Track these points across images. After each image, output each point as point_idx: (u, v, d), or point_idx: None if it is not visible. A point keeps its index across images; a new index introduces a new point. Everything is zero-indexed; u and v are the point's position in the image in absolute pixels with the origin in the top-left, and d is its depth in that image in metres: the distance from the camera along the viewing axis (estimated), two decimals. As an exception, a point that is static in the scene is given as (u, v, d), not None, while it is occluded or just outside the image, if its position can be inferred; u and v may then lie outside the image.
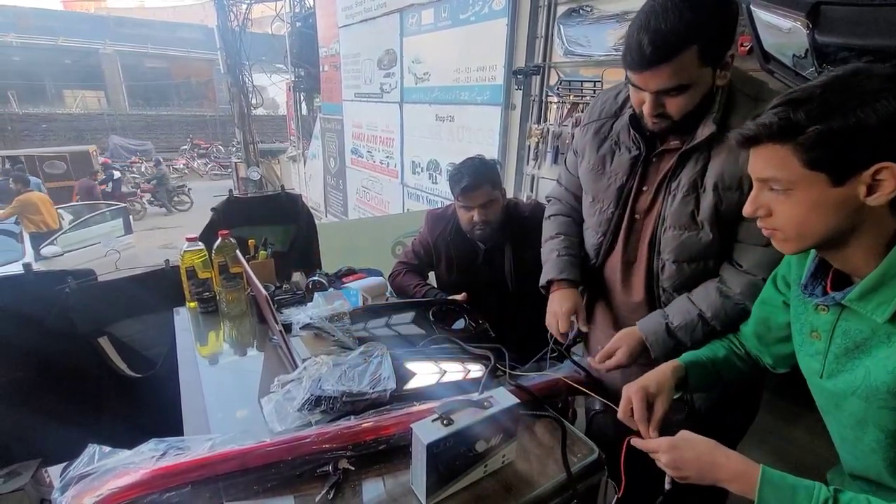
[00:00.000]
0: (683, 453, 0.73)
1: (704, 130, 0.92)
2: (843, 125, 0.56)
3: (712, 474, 0.71)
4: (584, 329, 1.14)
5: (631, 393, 0.85)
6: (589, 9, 2.14)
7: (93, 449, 0.82)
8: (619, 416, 0.86)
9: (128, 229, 6.11)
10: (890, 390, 0.60)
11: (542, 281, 1.21)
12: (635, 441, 0.81)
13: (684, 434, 0.76)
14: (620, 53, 1.90)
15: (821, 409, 0.76)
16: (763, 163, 0.63)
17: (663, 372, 0.88)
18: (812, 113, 0.57)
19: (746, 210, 0.68)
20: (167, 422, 1.02)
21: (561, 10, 2.27)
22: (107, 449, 0.82)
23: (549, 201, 1.36)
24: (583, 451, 0.93)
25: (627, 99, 1.03)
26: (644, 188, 1.04)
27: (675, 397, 0.88)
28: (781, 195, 0.63)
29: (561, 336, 1.14)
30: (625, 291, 1.13)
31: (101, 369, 1.54)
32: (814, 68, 1.18)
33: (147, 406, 1.47)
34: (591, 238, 1.17)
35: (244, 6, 7.03)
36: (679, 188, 0.97)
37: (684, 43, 0.81)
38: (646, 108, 0.91)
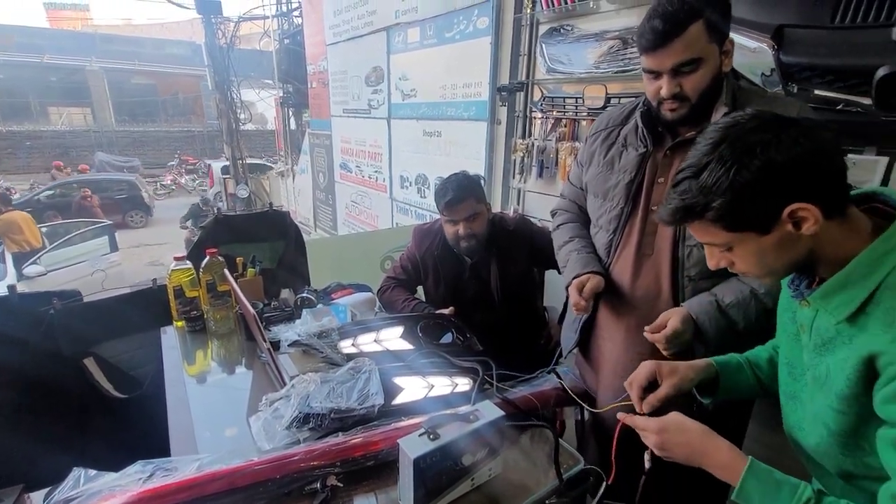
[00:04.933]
0: (672, 437, 0.75)
1: (718, 114, 0.98)
2: (741, 186, 0.59)
3: (700, 460, 0.73)
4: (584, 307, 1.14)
5: (645, 364, 0.86)
6: (569, 28, 2.21)
7: (78, 472, 0.81)
8: (626, 382, 0.87)
9: (114, 247, 6.03)
10: (839, 394, 0.63)
11: (567, 280, 1.20)
12: (624, 417, 0.82)
13: (676, 417, 0.77)
14: (601, 70, 1.99)
15: (783, 395, 0.79)
16: (696, 232, 0.68)
17: (688, 363, 0.87)
18: (706, 186, 0.61)
19: (711, 266, 0.72)
20: (154, 443, 1.02)
21: (543, 29, 2.34)
22: (92, 472, 0.82)
23: (554, 214, 1.40)
24: (568, 462, 0.94)
25: (633, 110, 1.14)
26: (660, 180, 1.08)
27: (702, 399, 0.88)
28: (728, 252, 0.67)
29: (583, 305, 1.12)
30: (638, 287, 1.13)
31: (87, 390, 1.52)
32: (780, 86, 1.23)
33: (134, 427, 1.45)
34: (602, 237, 1.19)
35: (232, 24, 7.09)
36: None
37: (691, 17, 0.91)
38: (664, 90, 0.98)
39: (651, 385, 0.85)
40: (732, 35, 1.00)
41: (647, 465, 0.81)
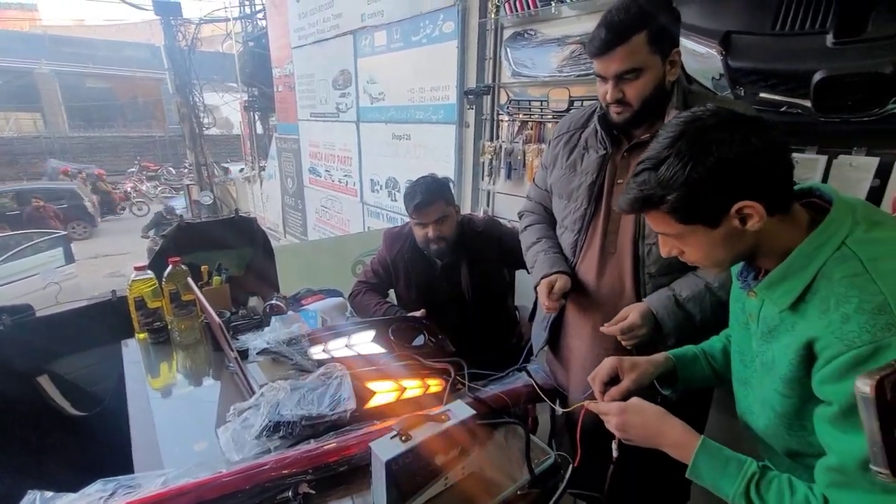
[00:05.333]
0: (630, 417, 0.79)
1: (669, 117, 1.03)
2: (695, 182, 0.63)
3: (656, 440, 0.77)
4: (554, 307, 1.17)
5: (607, 360, 0.90)
6: (533, 33, 2.25)
7: (33, 495, 0.78)
8: (589, 378, 0.91)
9: (69, 258, 5.74)
10: (783, 377, 0.67)
11: (535, 280, 1.22)
12: (588, 403, 0.86)
13: (634, 400, 0.81)
14: (564, 74, 2.04)
15: (736, 381, 0.83)
16: (652, 221, 0.72)
17: (648, 357, 0.92)
18: (664, 179, 0.65)
19: (663, 254, 0.76)
20: (117, 460, 0.98)
21: (507, 33, 2.38)
22: (49, 494, 0.78)
23: (521, 216, 1.43)
24: (539, 457, 0.96)
25: (592, 114, 1.18)
26: (620, 181, 1.12)
27: (662, 391, 0.92)
28: (680, 241, 0.72)
29: (553, 305, 1.16)
30: (603, 285, 1.17)
31: (42, 409, 1.44)
32: (729, 90, 1.30)
33: (95, 445, 1.39)
34: (568, 237, 1.23)
35: (193, 26, 6.89)
36: None
37: (634, 28, 0.96)
38: (609, 95, 1.03)
39: (614, 380, 0.89)
40: (684, 41, 1.05)
41: (614, 453, 0.85)
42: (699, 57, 1.36)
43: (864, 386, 0.49)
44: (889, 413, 0.48)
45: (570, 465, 0.89)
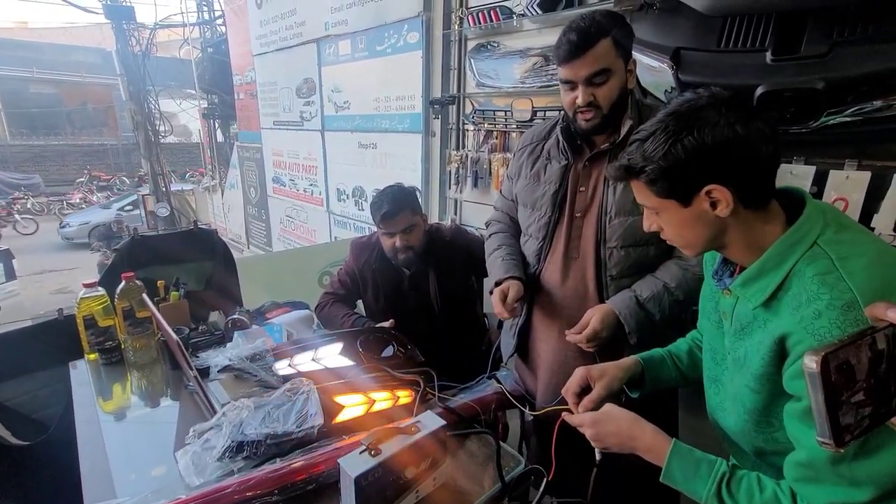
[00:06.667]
0: (605, 426, 0.81)
1: (626, 126, 1.09)
2: (672, 158, 0.65)
3: (630, 444, 0.78)
4: (513, 315, 1.20)
5: (577, 371, 0.91)
6: (496, 45, 2.30)
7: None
8: (563, 391, 0.92)
9: (10, 275, 5.35)
10: (755, 373, 0.68)
11: (490, 285, 1.25)
12: (566, 416, 0.87)
13: (606, 408, 0.83)
14: (527, 85, 2.09)
15: (707, 379, 0.85)
16: (636, 192, 0.75)
17: (616, 363, 0.94)
18: (647, 151, 0.67)
19: (644, 227, 0.78)
20: (65, 492, 0.92)
21: (471, 45, 2.42)
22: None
23: (487, 225, 1.46)
24: (510, 464, 0.97)
25: (554, 126, 1.23)
26: (581, 189, 1.17)
27: (630, 394, 0.94)
28: (657, 216, 0.74)
29: (509, 312, 1.17)
30: (567, 289, 1.21)
31: (-22, 441, 1.34)
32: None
33: (40, 476, 1.29)
34: (532, 245, 1.26)
35: (147, 31, 6.63)
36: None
37: (600, 34, 1.02)
38: (580, 99, 1.06)
39: (585, 389, 0.90)
40: (638, 56, 1.11)
41: (597, 457, 0.85)
42: (653, 70, 1.43)
43: (810, 362, 0.52)
44: (832, 387, 0.51)
45: (545, 479, 0.89)
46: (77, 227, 10.31)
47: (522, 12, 2.05)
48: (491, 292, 1.23)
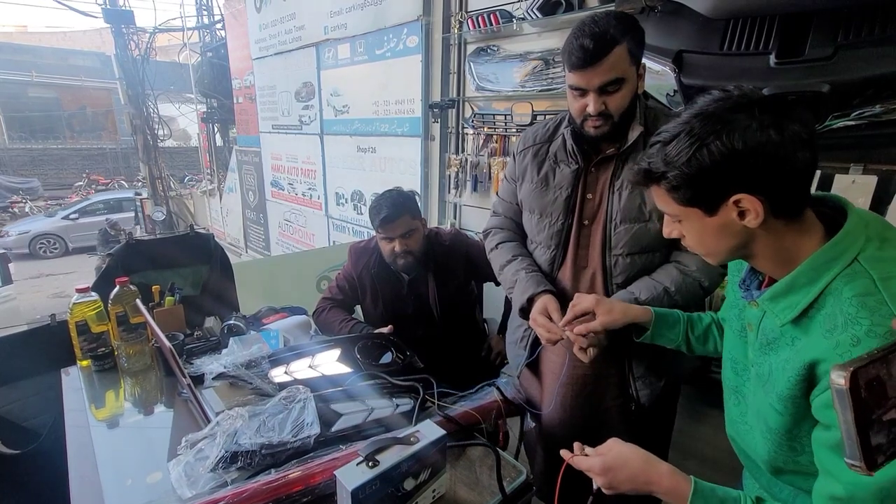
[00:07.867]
0: (617, 475, 0.74)
1: (634, 133, 1.05)
2: (697, 164, 0.59)
3: (646, 489, 0.72)
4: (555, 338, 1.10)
5: (588, 297, 0.92)
6: (496, 48, 2.29)
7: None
8: (569, 306, 0.92)
9: (6, 279, 5.32)
10: (780, 394, 0.63)
11: (522, 300, 1.14)
12: (569, 458, 0.80)
13: (615, 451, 0.76)
14: (527, 89, 2.08)
15: (727, 390, 0.81)
16: (656, 198, 0.69)
17: (625, 306, 0.95)
18: (669, 156, 0.61)
19: (664, 233, 0.74)
20: (56, 501, 0.89)
21: (470, 48, 2.41)
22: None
23: (487, 234, 1.36)
24: (511, 475, 0.95)
25: (557, 127, 1.19)
26: (589, 196, 1.13)
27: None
28: (678, 223, 0.69)
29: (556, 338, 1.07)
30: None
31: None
32: (683, 106, 1.36)
33: (30, 485, 1.26)
34: (543, 253, 1.21)
35: (147, 35, 6.64)
36: (623, 186, 1.08)
37: (616, 40, 0.96)
38: (591, 108, 1.01)
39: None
40: (643, 60, 1.08)
41: (595, 485, 0.78)
42: (655, 74, 1.41)
43: (838, 378, 0.47)
44: (862, 404, 0.47)
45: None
46: (16, 236, 9.39)
47: (522, 16, 2.04)
48: (523, 309, 1.14)
